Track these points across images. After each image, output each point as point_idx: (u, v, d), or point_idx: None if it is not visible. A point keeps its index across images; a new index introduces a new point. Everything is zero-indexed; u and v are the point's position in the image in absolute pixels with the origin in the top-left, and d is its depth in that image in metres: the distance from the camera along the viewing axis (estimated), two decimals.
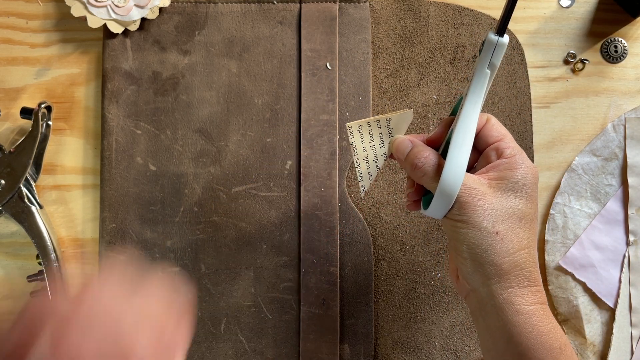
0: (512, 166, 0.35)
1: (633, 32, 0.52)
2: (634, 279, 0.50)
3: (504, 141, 0.36)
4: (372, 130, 0.39)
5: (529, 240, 0.35)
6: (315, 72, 0.50)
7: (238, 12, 0.51)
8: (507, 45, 0.34)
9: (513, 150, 0.36)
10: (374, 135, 0.39)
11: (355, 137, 0.39)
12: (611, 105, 0.52)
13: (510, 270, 0.34)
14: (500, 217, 0.34)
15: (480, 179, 0.35)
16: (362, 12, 0.51)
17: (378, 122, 0.38)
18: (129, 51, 0.51)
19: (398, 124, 0.39)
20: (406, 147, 0.37)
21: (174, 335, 0.34)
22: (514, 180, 0.35)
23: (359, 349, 0.49)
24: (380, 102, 0.51)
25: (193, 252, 0.50)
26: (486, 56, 0.34)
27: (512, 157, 0.35)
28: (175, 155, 0.50)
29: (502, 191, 0.35)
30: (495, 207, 0.34)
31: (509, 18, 0.33)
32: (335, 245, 0.49)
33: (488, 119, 0.37)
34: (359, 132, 0.39)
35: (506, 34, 0.34)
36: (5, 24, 0.53)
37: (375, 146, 0.39)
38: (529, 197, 0.35)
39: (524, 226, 0.35)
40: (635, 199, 0.50)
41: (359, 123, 0.38)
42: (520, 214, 0.35)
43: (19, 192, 0.49)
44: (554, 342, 0.34)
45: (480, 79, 0.35)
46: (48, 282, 0.49)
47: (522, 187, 0.35)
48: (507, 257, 0.34)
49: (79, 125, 0.52)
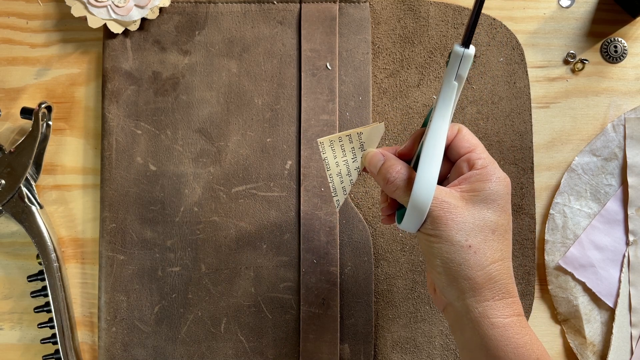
0: (483, 177, 0.35)
1: (633, 32, 0.52)
2: (633, 278, 0.50)
3: (475, 152, 0.36)
4: (344, 144, 0.39)
5: (503, 252, 0.35)
6: (315, 72, 0.50)
7: (238, 12, 0.51)
8: (473, 56, 0.33)
9: (484, 161, 0.35)
10: (345, 149, 0.39)
11: (327, 153, 0.39)
12: (611, 105, 0.52)
13: (485, 283, 0.34)
14: (472, 230, 0.34)
15: (452, 192, 0.35)
16: (362, 12, 0.51)
17: (349, 137, 0.39)
18: (129, 51, 0.51)
19: (370, 138, 0.39)
20: (378, 161, 0.37)
21: None
22: (486, 191, 0.34)
23: (359, 349, 0.49)
24: (380, 102, 0.51)
25: (193, 252, 0.50)
26: (453, 68, 0.34)
27: (483, 168, 0.35)
28: (176, 155, 0.50)
29: (474, 203, 0.34)
30: (468, 220, 0.34)
31: (474, 29, 0.33)
32: (335, 245, 0.49)
33: (459, 129, 0.37)
34: (330, 147, 0.39)
35: (472, 45, 0.33)
36: (6, 24, 0.53)
37: (348, 160, 0.39)
38: (501, 208, 0.35)
39: (497, 238, 0.34)
40: (635, 199, 0.50)
41: (330, 138, 0.39)
42: (493, 226, 0.34)
43: (19, 192, 0.49)
44: (531, 353, 0.34)
45: (447, 91, 0.34)
46: (48, 282, 0.49)
47: (494, 198, 0.35)
48: (481, 270, 0.34)
49: (79, 125, 0.52)
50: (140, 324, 0.49)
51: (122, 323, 0.49)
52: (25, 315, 0.51)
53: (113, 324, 0.49)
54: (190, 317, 0.49)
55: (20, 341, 0.51)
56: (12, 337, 0.51)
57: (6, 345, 0.51)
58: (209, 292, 0.49)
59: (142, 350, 0.49)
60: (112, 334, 0.49)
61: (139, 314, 0.49)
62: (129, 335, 0.49)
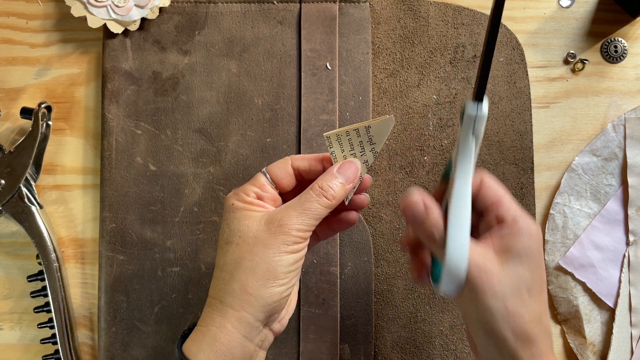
0: (515, 233, 0.34)
1: (633, 32, 0.52)
2: (633, 278, 0.50)
3: (503, 205, 0.35)
4: (352, 138, 0.38)
5: (540, 310, 0.34)
6: (315, 72, 0.50)
7: (238, 12, 0.51)
8: (487, 115, 0.33)
9: (514, 214, 0.35)
10: (353, 144, 0.38)
11: (334, 147, 0.38)
12: (611, 105, 0.52)
13: (524, 344, 0.34)
14: (509, 293, 0.33)
15: (486, 252, 0.34)
16: (362, 12, 0.51)
17: (357, 131, 0.37)
18: (129, 51, 0.51)
19: (378, 132, 0.37)
20: (420, 212, 0.35)
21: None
22: (519, 248, 0.34)
23: (359, 349, 0.49)
24: (380, 102, 0.51)
25: (193, 252, 0.50)
26: (468, 128, 0.33)
27: (514, 224, 0.35)
28: (175, 155, 0.50)
29: (508, 261, 0.34)
30: (504, 283, 0.33)
31: (485, 82, 0.32)
32: (335, 245, 0.49)
33: (482, 180, 0.36)
34: (337, 141, 0.38)
35: (485, 98, 0.32)
36: (5, 24, 0.53)
37: (356, 154, 0.38)
38: (535, 264, 0.34)
39: (534, 297, 0.34)
40: (635, 199, 0.50)
41: (337, 133, 0.38)
42: (528, 285, 0.34)
43: (19, 192, 0.49)
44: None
45: (466, 149, 0.34)
46: (48, 282, 0.49)
47: (527, 254, 0.34)
48: (519, 332, 0.33)
49: (79, 125, 0.52)
50: (140, 324, 0.49)
51: (122, 323, 0.49)
52: (25, 315, 0.51)
53: (113, 324, 0.49)
54: (190, 317, 0.49)
55: (20, 341, 0.51)
56: (12, 337, 0.51)
57: (6, 345, 0.51)
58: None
59: (142, 350, 0.49)
60: (112, 334, 0.49)
61: (139, 314, 0.49)
62: (129, 335, 0.49)
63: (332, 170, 0.37)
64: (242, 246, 0.35)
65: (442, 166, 0.50)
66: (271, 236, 0.35)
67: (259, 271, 0.35)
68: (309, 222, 0.36)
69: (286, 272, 0.35)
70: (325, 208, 0.36)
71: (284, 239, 0.35)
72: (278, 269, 0.35)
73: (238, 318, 0.35)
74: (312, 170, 0.39)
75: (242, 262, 0.35)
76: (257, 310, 0.35)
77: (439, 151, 0.51)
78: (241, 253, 0.35)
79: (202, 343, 0.35)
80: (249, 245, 0.35)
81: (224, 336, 0.35)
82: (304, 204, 0.36)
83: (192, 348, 0.35)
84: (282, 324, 0.39)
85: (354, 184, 0.38)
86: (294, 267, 0.35)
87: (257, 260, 0.35)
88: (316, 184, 0.37)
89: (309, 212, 0.36)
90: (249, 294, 0.35)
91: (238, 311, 0.35)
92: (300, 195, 0.37)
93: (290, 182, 0.39)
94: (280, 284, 0.35)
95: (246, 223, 0.36)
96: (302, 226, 0.35)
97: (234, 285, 0.35)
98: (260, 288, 0.35)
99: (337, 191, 0.36)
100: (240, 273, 0.35)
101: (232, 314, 0.35)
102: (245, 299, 0.35)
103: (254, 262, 0.35)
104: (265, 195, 0.38)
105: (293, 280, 0.36)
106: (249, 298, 0.35)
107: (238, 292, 0.35)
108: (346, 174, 0.37)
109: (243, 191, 0.37)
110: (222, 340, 0.34)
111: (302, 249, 0.36)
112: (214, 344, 0.35)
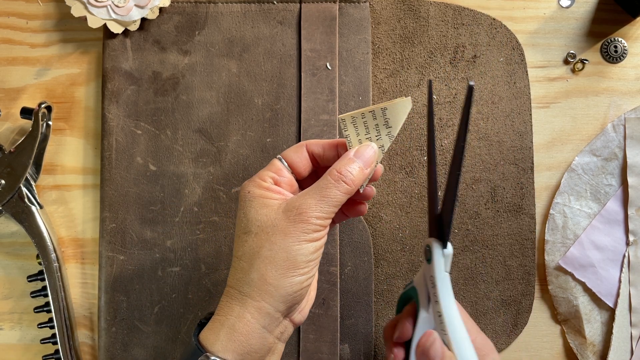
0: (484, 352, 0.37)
1: (633, 32, 0.52)
2: (633, 278, 0.50)
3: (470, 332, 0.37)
4: (367, 121, 0.36)
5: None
6: (315, 72, 0.50)
7: (238, 12, 0.51)
8: (452, 254, 0.36)
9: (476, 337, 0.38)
10: (369, 127, 0.36)
11: (349, 130, 0.37)
12: (611, 105, 0.52)
13: None
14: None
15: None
16: (362, 12, 0.51)
17: (373, 113, 0.36)
18: (129, 51, 0.51)
19: (395, 115, 0.36)
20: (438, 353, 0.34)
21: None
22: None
23: (359, 349, 0.49)
24: (380, 102, 0.51)
25: (193, 252, 0.50)
26: (439, 265, 0.36)
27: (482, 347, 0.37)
28: (175, 155, 0.50)
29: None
30: None
31: (450, 227, 0.35)
32: (335, 245, 0.49)
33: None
34: (352, 124, 0.36)
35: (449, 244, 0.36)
36: (5, 24, 0.53)
37: (372, 138, 0.37)
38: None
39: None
40: (635, 199, 0.50)
41: (353, 115, 0.36)
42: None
43: (19, 192, 0.49)
44: None
45: (444, 283, 0.36)
46: (48, 282, 0.49)
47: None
48: None
49: (79, 125, 0.52)
50: (140, 324, 0.49)
51: (122, 323, 0.49)
52: (25, 315, 0.51)
53: (113, 324, 0.49)
54: (190, 317, 0.49)
55: (20, 341, 0.51)
56: (12, 337, 0.51)
57: (6, 345, 0.51)
58: (209, 292, 0.49)
59: (142, 350, 0.49)
60: (112, 334, 0.49)
61: (139, 314, 0.49)
62: (129, 335, 0.49)
63: (349, 154, 0.36)
64: (260, 235, 0.35)
65: (442, 166, 0.50)
66: (290, 225, 0.34)
67: (278, 260, 0.34)
68: (329, 209, 0.35)
69: (306, 261, 0.34)
70: (344, 194, 0.35)
71: (304, 227, 0.34)
72: (298, 258, 0.34)
73: (257, 308, 0.34)
74: (327, 155, 0.38)
75: (261, 251, 0.34)
76: (277, 301, 0.34)
77: (439, 151, 0.51)
78: (260, 242, 0.34)
79: (219, 332, 0.34)
80: (267, 235, 0.34)
81: (243, 326, 0.34)
82: (322, 190, 0.35)
83: (210, 337, 0.34)
84: (302, 315, 0.38)
85: (372, 169, 0.37)
86: (314, 256, 0.35)
87: (276, 249, 0.34)
88: (334, 169, 0.36)
89: (328, 199, 0.35)
90: (268, 284, 0.34)
91: (257, 301, 0.34)
92: (318, 182, 0.36)
93: (306, 167, 0.38)
94: (300, 274, 0.34)
95: (264, 212, 0.35)
96: (321, 214, 0.34)
97: (253, 274, 0.34)
98: (280, 278, 0.34)
99: (356, 175, 0.35)
100: (259, 262, 0.34)
101: (251, 304, 0.34)
102: (265, 289, 0.34)
103: (273, 251, 0.34)
104: (283, 180, 0.37)
105: (313, 270, 0.35)
106: (269, 288, 0.34)
107: (257, 281, 0.34)
108: (364, 157, 0.36)
109: (259, 177, 0.36)
110: (241, 330, 0.34)
111: (322, 237, 0.35)
112: (232, 333, 0.34)
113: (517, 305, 0.50)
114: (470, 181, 0.50)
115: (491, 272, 0.50)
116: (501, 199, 0.50)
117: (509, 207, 0.50)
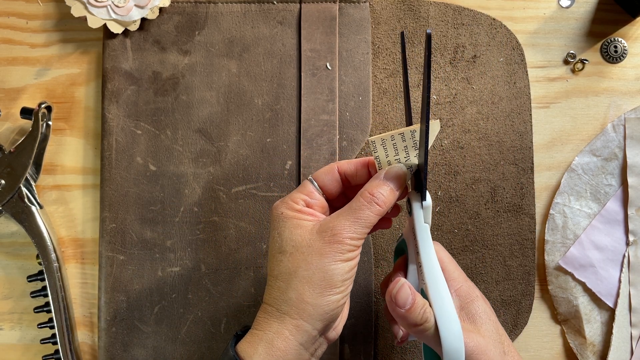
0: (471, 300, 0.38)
1: (633, 32, 0.52)
2: (633, 279, 0.50)
3: (455, 280, 0.39)
4: (397, 143, 0.37)
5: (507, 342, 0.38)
6: (315, 72, 0.50)
7: (238, 12, 0.51)
8: (431, 205, 0.37)
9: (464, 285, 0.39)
10: (398, 148, 0.37)
11: (379, 151, 0.37)
12: (611, 105, 0.52)
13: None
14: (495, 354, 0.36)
15: (472, 334, 0.36)
16: (362, 12, 0.51)
17: (402, 135, 0.37)
18: (129, 51, 0.51)
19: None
20: (407, 299, 0.35)
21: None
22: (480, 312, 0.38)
23: (359, 349, 0.49)
24: (380, 102, 0.51)
25: (193, 252, 0.50)
26: (419, 217, 0.37)
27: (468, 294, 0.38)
28: (175, 155, 0.50)
29: (480, 328, 0.37)
30: (491, 350, 0.36)
31: (426, 179, 0.36)
32: None
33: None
34: (382, 145, 0.37)
35: (428, 196, 0.37)
36: (5, 24, 0.53)
37: (401, 159, 0.37)
38: (494, 321, 0.38)
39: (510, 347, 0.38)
40: (635, 199, 0.50)
41: (382, 137, 0.37)
42: (502, 340, 0.37)
43: (19, 192, 0.49)
44: None
45: (424, 234, 0.37)
46: (48, 282, 0.49)
47: (489, 314, 0.38)
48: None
49: (79, 125, 0.52)
50: (140, 324, 0.49)
51: (122, 323, 0.49)
52: (25, 315, 0.51)
53: (113, 324, 0.49)
54: (190, 317, 0.49)
55: (20, 341, 0.51)
56: (12, 337, 0.51)
57: (6, 345, 0.51)
58: (209, 292, 0.49)
59: (142, 351, 0.49)
60: (112, 334, 0.49)
61: (139, 314, 0.49)
62: (129, 335, 0.49)
63: (379, 175, 0.37)
64: (296, 255, 0.36)
65: (442, 166, 0.50)
66: (325, 245, 0.35)
67: (315, 280, 0.35)
68: (362, 230, 0.36)
69: (342, 280, 0.35)
70: (376, 215, 0.36)
71: (339, 247, 0.35)
72: (334, 278, 0.35)
73: (296, 326, 0.35)
74: (359, 174, 0.39)
75: (298, 271, 0.35)
76: (314, 319, 0.35)
77: (438, 151, 0.51)
78: (296, 262, 0.35)
79: (257, 346, 0.35)
80: (303, 255, 0.35)
81: (281, 342, 0.35)
82: (355, 212, 0.36)
83: (247, 349, 0.35)
84: (336, 332, 0.39)
85: (402, 190, 0.38)
86: (349, 275, 0.36)
87: (313, 269, 0.35)
88: (365, 190, 0.37)
89: (362, 220, 0.36)
90: (306, 303, 0.35)
91: (296, 319, 0.35)
92: (351, 203, 0.37)
93: (337, 188, 0.39)
94: (337, 292, 0.35)
95: (298, 232, 0.36)
96: (355, 234, 0.36)
97: (291, 293, 0.35)
98: (317, 297, 0.35)
99: (387, 197, 0.37)
100: (297, 282, 0.35)
101: (289, 322, 0.35)
102: (303, 308, 0.35)
103: (310, 271, 0.35)
104: (314, 203, 0.38)
105: (348, 289, 0.36)
106: (306, 307, 0.35)
107: (295, 300, 0.35)
108: (394, 179, 0.37)
109: (291, 199, 0.38)
110: (279, 346, 0.35)
111: (356, 256, 0.36)
112: (270, 348, 0.35)
113: (517, 305, 0.50)
114: (470, 181, 0.50)
115: (491, 272, 0.50)
116: (501, 199, 0.50)
117: (509, 207, 0.50)
